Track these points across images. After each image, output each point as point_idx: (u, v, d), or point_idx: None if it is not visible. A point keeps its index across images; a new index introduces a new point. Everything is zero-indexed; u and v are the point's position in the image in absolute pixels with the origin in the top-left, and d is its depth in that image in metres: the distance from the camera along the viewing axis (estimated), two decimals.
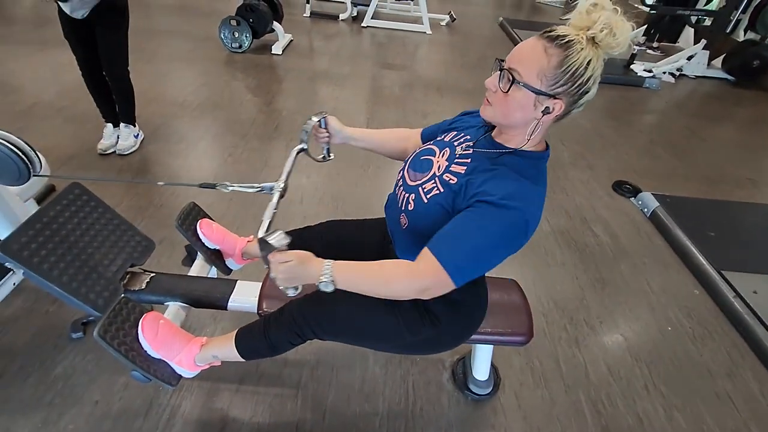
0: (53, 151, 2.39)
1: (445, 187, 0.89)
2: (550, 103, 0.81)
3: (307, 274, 0.83)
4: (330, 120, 1.14)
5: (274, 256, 0.81)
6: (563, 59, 0.77)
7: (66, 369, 1.38)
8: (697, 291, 1.95)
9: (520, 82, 0.80)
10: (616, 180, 2.68)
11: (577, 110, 0.86)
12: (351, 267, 0.84)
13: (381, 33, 5.21)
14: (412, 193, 0.94)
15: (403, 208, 0.96)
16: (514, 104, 0.82)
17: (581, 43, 0.77)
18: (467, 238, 0.80)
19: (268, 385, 1.40)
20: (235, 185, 1.09)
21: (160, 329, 1.07)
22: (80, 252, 1.13)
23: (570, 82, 0.79)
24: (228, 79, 3.52)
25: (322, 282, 0.82)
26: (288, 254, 0.81)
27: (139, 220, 1.99)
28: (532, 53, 0.80)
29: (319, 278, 0.82)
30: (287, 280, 0.83)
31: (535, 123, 0.84)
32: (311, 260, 0.84)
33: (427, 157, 0.97)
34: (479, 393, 1.41)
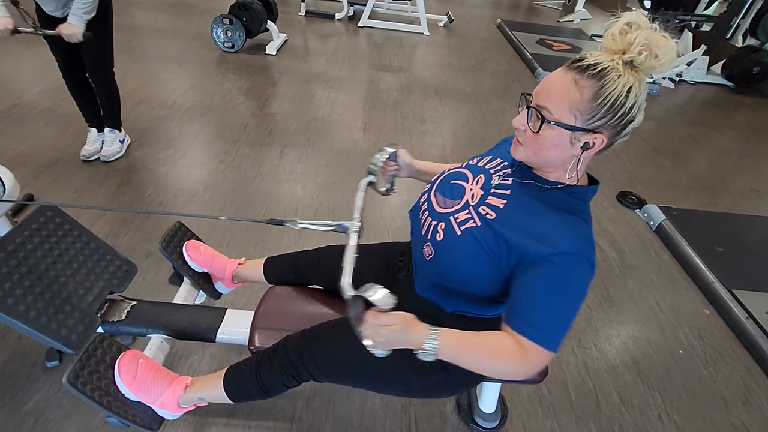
0: (34, 156, 2.27)
1: (482, 221, 0.80)
2: (589, 138, 0.73)
3: (410, 340, 0.72)
4: (401, 153, 1.05)
5: (376, 318, 0.70)
6: (598, 90, 0.69)
7: (39, 403, 1.26)
8: (707, 310, 1.89)
9: (551, 121, 0.72)
10: (621, 190, 2.61)
11: (622, 139, 0.77)
12: (459, 337, 0.74)
13: (378, 33, 5.10)
14: (442, 222, 0.84)
15: (429, 237, 0.86)
16: (546, 144, 0.74)
17: (617, 70, 0.69)
18: (559, 310, 0.73)
19: (259, 418, 1.31)
20: (305, 222, 0.98)
21: (139, 370, 0.97)
22: (51, 282, 1.02)
23: (610, 114, 0.70)
24: (220, 80, 3.39)
25: (425, 351, 0.72)
26: (393, 317, 0.70)
27: (123, 232, 1.87)
28: (562, 87, 0.71)
29: (422, 345, 0.72)
30: (385, 344, 0.72)
31: (575, 161, 0.76)
32: (416, 325, 0.73)
33: (458, 182, 0.88)
34: (486, 426, 1.33)
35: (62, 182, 2.12)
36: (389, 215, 2.18)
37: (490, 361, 0.75)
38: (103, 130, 2.30)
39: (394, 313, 0.70)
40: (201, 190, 2.21)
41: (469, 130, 3.18)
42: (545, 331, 0.72)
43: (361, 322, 0.73)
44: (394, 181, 1.11)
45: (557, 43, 5.24)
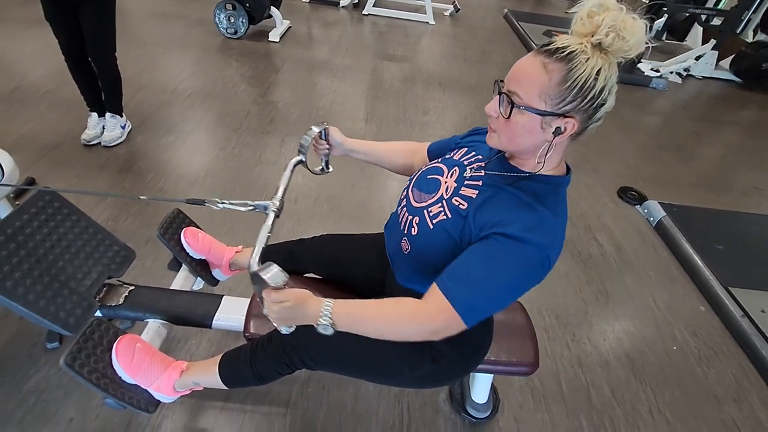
0: (35, 139, 2.27)
1: (453, 213, 0.80)
2: (560, 122, 0.72)
3: (304, 315, 0.74)
4: (331, 131, 1.04)
5: (269, 294, 0.72)
6: (566, 74, 0.68)
7: (39, 383, 1.29)
8: (704, 308, 1.89)
9: (520, 106, 0.72)
10: (622, 186, 2.60)
11: (595, 124, 0.76)
12: (353, 307, 0.76)
13: (382, 22, 5.04)
14: (417, 216, 0.85)
15: (405, 232, 0.87)
16: (518, 129, 0.74)
17: (585, 53, 0.68)
18: (481, 277, 0.72)
19: (255, 403, 1.33)
20: (225, 202, 0.99)
21: (136, 354, 0.98)
22: (50, 266, 1.03)
23: (579, 98, 0.70)
24: (222, 67, 3.38)
25: (321, 324, 0.74)
26: (284, 294, 0.72)
27: (123, 218, 1.89)
28: (531, 72, 0.71)
29: (317, 320, 0.74)
30: (282, 320, 0.75)
31: (546, 146, 0.75)
32: (309, 300, 0.75)
33: (434, 177, 0.88)
34: (478, 416, 1.35)
35: (64, 166, 2.13)
36: (388, 205, 2.18)
37: (391, 325, 0.76)
38: (104, 115, 2.30)
39: (286, 291, 0.72)
40: (201, 177, 2.21)
41: (472, 122, 3.16)
42: (459, 287, 0.72)
43: (261, 298, 0.75)
44: (328, 161, 1.11)
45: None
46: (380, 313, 0.76)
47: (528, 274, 0.73)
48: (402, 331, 0.76)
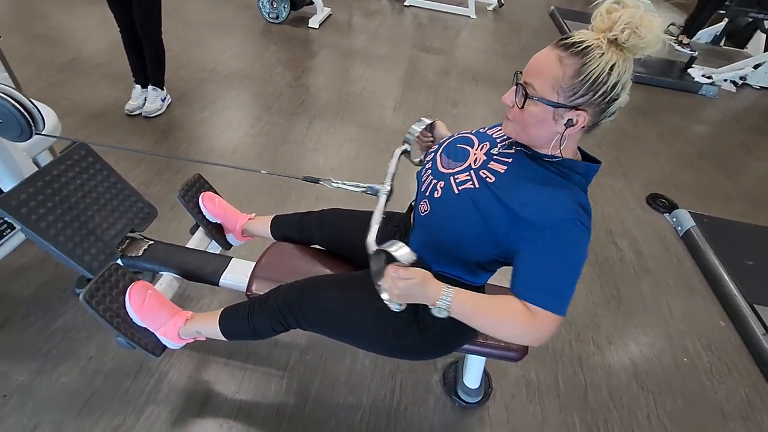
0: (85, 107, 2.45)
1: (480, 184, 0.82)
2: (572, 115, 0.74)
3: (425, 295, 0.76)
4: (438, 125, 1.09)
5: (396, 271, 0.74)
6: (580, 68, 0.71)
7: (66, 322, 1.42)
8: (723, 323, 1.81)
9: (534, 97, 0.75)
10: (652, 192, 2.50)
11: (608, 119, 0.78)
12: (471, 299, 0.78)
13: (423, 13, 5.03)
14: (442, 181, 0.87)
15: (427, 194, 0.90)
16: (531, 119, 0.77)
17: (601, 48, 0.70)
18: (563, 276, 0.76)
19: (256, 363, 1.40)
20: (340, 182, 1.05)
21: (147, 299, 1.07)
22: (80, 213, 1.13)
23: (591, 92, 0.72)
24: (261, 49, 3.49)
25: (438, 307, 0.76)
26: (412, 272, 0.74)
27: (155, 183, 2.02)
28: (546, 64, 0.73)
29: (435, 302, 0.76)
30: (401, 297, 0.76)
31: (558, 137, 0.77)
32: (432, 282, 0.76)
33: (463, 147, 0.90)
34: (467, 401, 1.37)
35: (107, 132, 2.30)
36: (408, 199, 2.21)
37: (501, 323, 0.78)
38: (147, 87, 2.45)
39: (413, 269, 0.74)
40: (230, 152, 2.32)
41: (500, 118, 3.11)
42: (552, 296, 0.75)
43: (380, 275, 0.78)
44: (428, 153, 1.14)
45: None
46: (494, 312, 0.78)
47: (584, 248, 0.77)
48: (509, 333, 0.79)
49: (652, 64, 4.32)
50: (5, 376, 1.27)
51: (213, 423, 1.24)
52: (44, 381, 1.27)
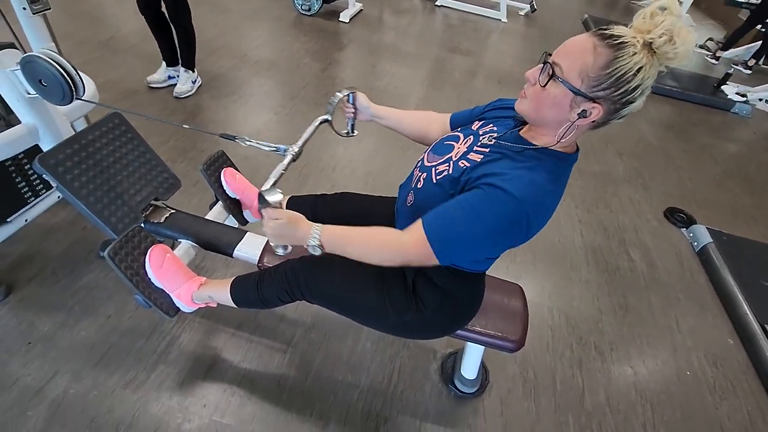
0: (119, 84, 2.57)
1: (454, 170, 0.86)
2: (588, 106, 0.75)
3: (296, 235, 0.83)
4: (358, 96, 1.14)
5: (266, 212, 0.82)
6: (611, 60, 0.72)
7: (90, 282, 1.51)
8: (732, 341, 1.78)
9: (559, 78, 0.75)
10: (671, 206, 2.47)
11: (617, 121, 0.80)
12: (339, 231, 0.84)
13: (454, 14, 5.04)
14: (425, 173, 0.92)
15: (413, 186, 0.95)
16: (548, 100, 0.78)
17: (635, 47, 0.71)
18: (460, 218, 0.77)
19: (262, 335, 1.46)
20: (252, 141, 1.11)
21: (165, 262, 1.14)
22: (110, 177, 1.21)
23: (613, 87, 0.73)
24: (291, 40, 3.57)
25: (310, 245, 0.83)
26: (279, 212, 0.82)
27: (180, 160, 2.10)
28: (580, 49, 0.74)
29: (307, 241, 0.83)
30: (276, 237, 0.84)
31: (568, 125, 0.78)
32: (301, 222, 0.84)
33: (449, 143, 0.94)
34: (463, 390, 1.39)
35: (138, 109, 2.40)
36: None
37: (371, 247, 0.84)
38: (173, 65, 2.56)
39: (282, 210, 0.82)
40: (253, 135, 2.39)
41: None
42: (437, 223, 0.79)
43: None
44: (354, 124, 1.19)
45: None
46: (363, 239, 0.84)
47: (502, 224, 0.76)
48: (380, 256, 0.84)
49: (685, 79, 4.23)
50: (32, 325, 1.36)
51: (217, 386, 1.31)
52: (66, 333, 1.36)
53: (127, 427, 1.19)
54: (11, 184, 1.36)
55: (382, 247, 0.83)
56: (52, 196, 1.55)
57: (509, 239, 0.79)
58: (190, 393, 1.28)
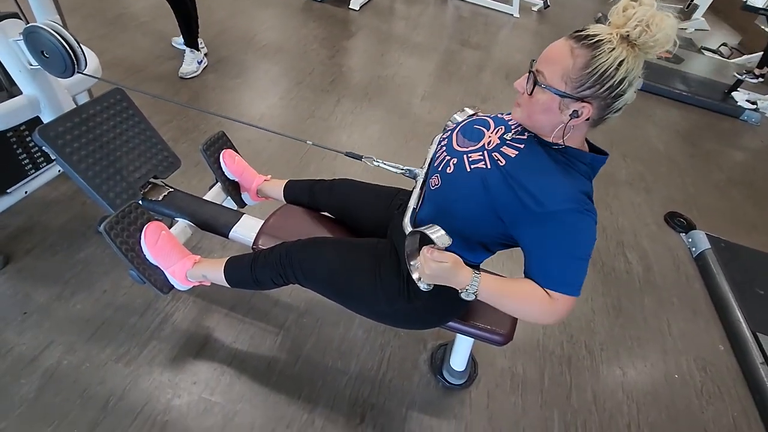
0: (126, 61, 2.56)
1: (492, 165, 0.85)
2: (577, 106, 0.77)
3: (454, 280, 0.81)
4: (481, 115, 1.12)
5: (432, 253, 0.78)
6: (589, 60, 0.73)
7: (87, 256, 1.52)
8: (722, 347, 1.79)
9: (543, 84, 0.77)
10: (671, 211, 2.46)
11: (614, 114, 0.81)
12: (496, 284, 0.83)
13: (465, 7, 4.98)
14: (455, 158, 0.90)
15: (439, 169, 0.93)
16: (538, 107, 0.80)
17: (611, 43, 0.72)
18: (575, 261, 0.80)
19: (255, 318, 1.48)
20: (380, 162, 1.11)
21: (160, 239, 1.15)
22: (109, 153, 1.21)
23: (598, 85, 0.74)
24: (299, 25, 3.54)
25: (466, 292, 0.81)
26: (445, 255, 0.78)
27: (183, 140, 2.11)
28: (558, 54, 0.76)
29: (464, 287, 0.81)
30: (431, 277, 0.81)
31: (562, 126, 0.79)
32: (462, 268, 0.81)
33: (479, 128, 0.93)
34: (451, 381, 1.41)
35: (142, 87, 2.39)
36: None
37: (524, 307, 0.83)
38: None
39: (446, 253, 0.79)
40: (256, 119, 2.39)
41: None
42: (567, 282, 0.80)
43: (414, 255, 0.83)
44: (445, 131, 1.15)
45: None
46: (517, 297, 0.82)
47: (593, 231, 0.81)
48: (533, 314, 0.83)
49: (695, 83, 4.19)
50: (28, 296, 1.38)
51: (208, 365, 1.32)
52: (61, 305, 1.37)
53: (117, 399, 1.20)
54: (12, 155, 1.37)
55: (534, 309, 0.81)
56: (52, 169, 1.56)
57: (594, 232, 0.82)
58: (181, 370, 1.30)
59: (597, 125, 0.83)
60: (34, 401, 1.17)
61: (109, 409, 1.18)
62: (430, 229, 0.76)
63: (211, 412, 1.23)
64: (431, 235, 0.76)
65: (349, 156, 1.17)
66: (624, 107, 0.79)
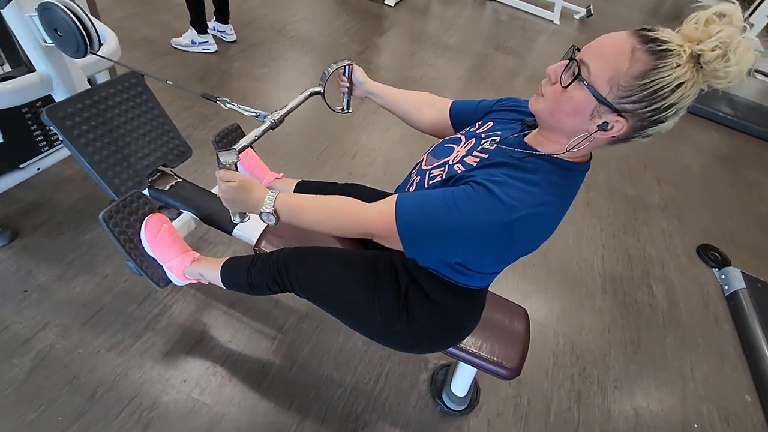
0: (155, 42, 2.56)
1: (449, 174, 0.78)
2: (611, 118, 0.65)
3: (249, 201, 0.78)
4: (355, 70, 1.05)
5: (218, 174, 0.77)
6: (649, 70, 0.60)
7: (93, 238, 1.51)
8: (750, 398, 1.65)
9: (584, 80, 0.64)
10: (705, 243, 2.30)
11: (641, 140, 0.69)
12: (296, 198, 0.79)
13: (504, 10, 4.83)
14: (419, 176, 0.86)
15: (406, 189, 0.89)
16: (568, 105, 0.67)
17: (680, 57, 0.59)
18: (437, 208, 0.70)
19: (253, 318, 1.43)
20: (234, 104, 1.05)
21: (161, 232, 1.11)
22: (119, 138, 1.18)
23: (645, 101, 0.62)
24: (332, 18, 3.49)
25: (264, 212, 0.77)
26: (233, 175, 0.76)
27: (201, 127, 2.08)
28: (615, 50, 0.63)
29: (261, 207, 0.77)
30: (228, 201, 0.79)
31: (583, 136, 0.68)
32: (255, 187, 0.78)
33: (450, 145, 0.86)
34: (450, 407, 1.33)
35: (169, 70, 2.39)
36: None
37: (331, 218, 0.77)
38: (219, 22, 2.60)
39: (234, 172, 0.77)
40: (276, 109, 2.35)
41: None
42: (411, 203, 0.72)
43: None
44: (350, 101, 1.11)
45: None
46: (322, 207, 0.78)
47: (482, 229, 0.68)
48: (339, 224, 0.77)
49: (742, 107, 3.94)
50: (30, 273, 1.37)
51: (201, 363, 1.29)
52: (62, 287, 1.36)
53: (106, 390, 1.18)
54: (26, 131, 1.36)
55: (344, 217, 0.76)
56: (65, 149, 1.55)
57: (489, 249, 0.71)
58: (172, 365, 1.26)
59: (616, 143, 0.71)
60: (23, 383, 1.15)
61: (96, 398, 1.16)
62: (224, 150, 0.75)
63: (199, 412, 1.19)
64: (219, 155, 0.74)
65: (204, 97, 1.08)
66: (656, 134, 0.68)
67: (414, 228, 0.71)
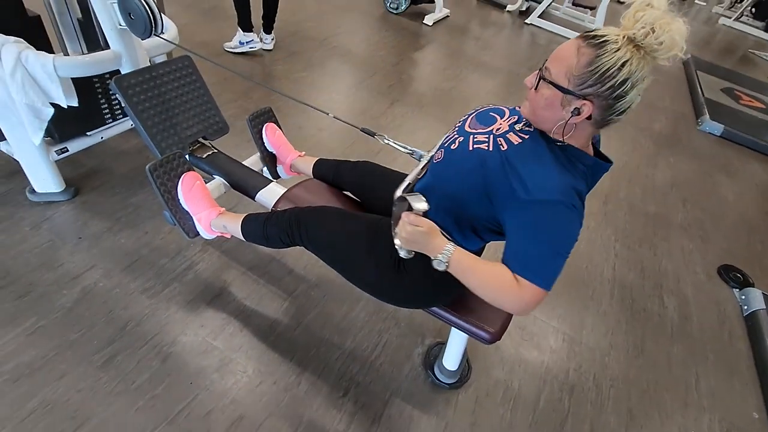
0: (209, 45, 2.87)
1: (494, 148, 0.88)
2: (578, 103, 0.79)
3: (428, 246, 0.84)
4: None
5: (408, 216, 0.83)
6: (593, 58, 0.76)
7: (139, 201, 1.72)
8: (757, 415, 1.60)
9: (548, 80, 0.81)
10: (727, 264, 2.25)
11: (617, 117, 0.82)
12: (468, 259, 0.84)
13: (542, 35, 4.93)
14: (462, 137, 0.94)
15: (445, 145, 0.97)
16: (541, 102, 0.83)
17: (617, 43, 0.74)
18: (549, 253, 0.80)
19: (268, 281, 1.58)
20: (390, 140, 1.20)
21: (194, 187, 1.28)
22: (169, 109, 1.39)
23: (599, 83, 0.76)
24: (372, 33, 3.73)
25: (437, 260, 0.84)
26: (421, 221, 0.83)
27: (241, 117, 2.27)
28: (565, 52, 0.79)
29: (436, 255, 0.84)
30: (408, 242, 0.85)
31: (563, 123, 0.82)
32: (437, 236, 0.84)
33: (494, 115, 0.96)
34: (440, 379, 1.40)
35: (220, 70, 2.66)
36: None
37: (491, 287, 0.83)
38: (264, 31, 2.86)
39: (423, 218, 0.83)
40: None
41: None
42: (537, 270, 0.80)
43: (398, 221, 0.88)
44: None
45: (748, 97, 4.44)
46: (486, 276, 0.83)
47: (573, 228, 0.81)
48: (500, 298, 0.83)
49: None
50: (85, 224, 1.59)
51: (217, 314, 1.44)
52: (109, 237, 1.57)
53: (135, 325, 1.35)
54: (95, 102, 1.60)
55: (502, 294, 0.82)
56: (127, 122, 1.80)
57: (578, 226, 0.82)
58: (193, 312, 1.42)
59: (601, 126, 0.84)
60: (70, 311, 1.34)
61: (126, 330, 1.33)
62: (411, 195, 0.81)
63: (210, 354, 1.33)
64: (411, 200, 0.80)
65: (364, 132, 1.22)
66: (628, 110, 0.80)
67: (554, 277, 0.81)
